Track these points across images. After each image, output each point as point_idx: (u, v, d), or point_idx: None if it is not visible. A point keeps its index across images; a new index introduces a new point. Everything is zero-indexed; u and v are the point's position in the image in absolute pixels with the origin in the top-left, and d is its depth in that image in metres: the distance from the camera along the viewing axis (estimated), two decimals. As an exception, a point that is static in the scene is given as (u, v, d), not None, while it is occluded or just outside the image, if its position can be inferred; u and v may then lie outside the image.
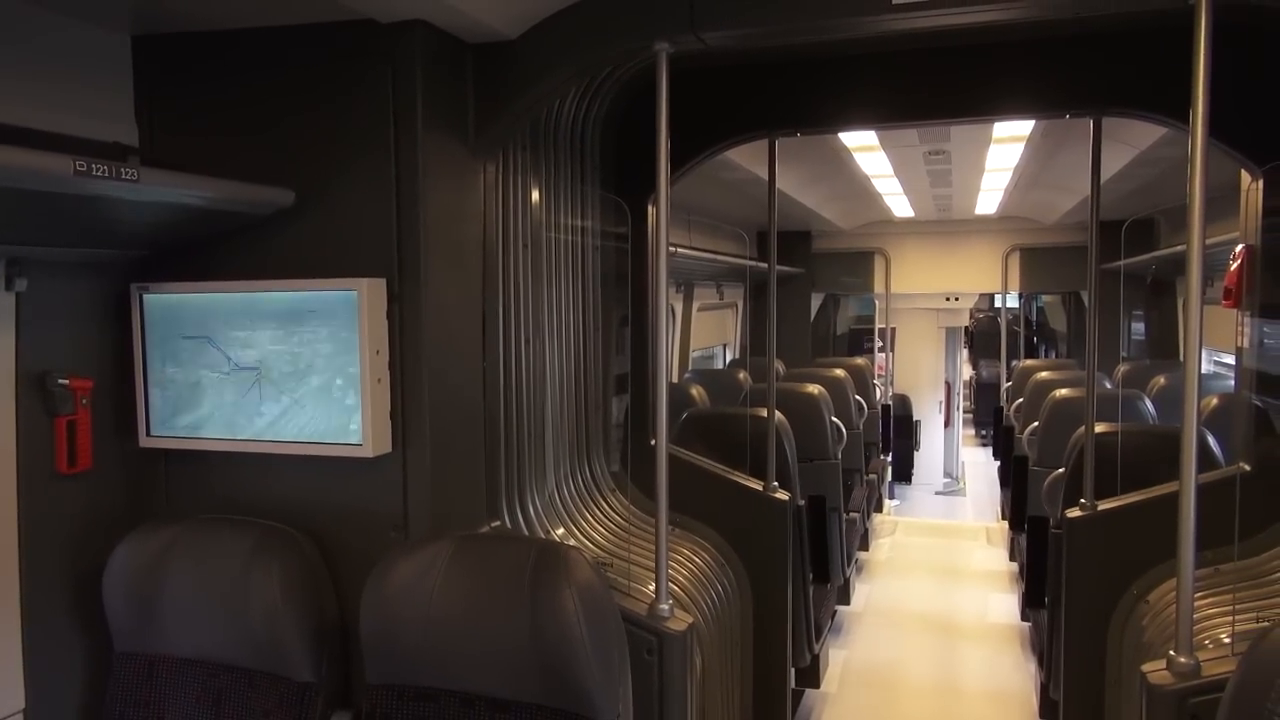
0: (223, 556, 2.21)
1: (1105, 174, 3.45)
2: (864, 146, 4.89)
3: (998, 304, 13.25)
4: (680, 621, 2.35)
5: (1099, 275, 3.68)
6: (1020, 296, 10.29)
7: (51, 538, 2.24)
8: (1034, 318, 12.97)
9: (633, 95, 3.14)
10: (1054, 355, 12.45)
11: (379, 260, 2.26)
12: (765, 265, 4.19)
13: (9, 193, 1.69)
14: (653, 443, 3.29)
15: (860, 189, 6.52)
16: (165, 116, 2.37)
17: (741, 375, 6.44)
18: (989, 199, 7.15)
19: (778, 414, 3.94)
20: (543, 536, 2.78)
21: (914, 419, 10.07)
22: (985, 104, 3.16)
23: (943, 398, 11.00)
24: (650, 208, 3.36)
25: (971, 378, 15.33)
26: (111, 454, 2.38)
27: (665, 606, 2.35)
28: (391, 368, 2.27)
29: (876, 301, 9.62)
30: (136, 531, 2.29)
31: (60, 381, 2.22)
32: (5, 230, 1.97)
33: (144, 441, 2.41)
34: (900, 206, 7.54)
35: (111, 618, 2.26)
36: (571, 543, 2.89)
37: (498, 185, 2.58)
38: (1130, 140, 4.22)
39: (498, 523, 2.62)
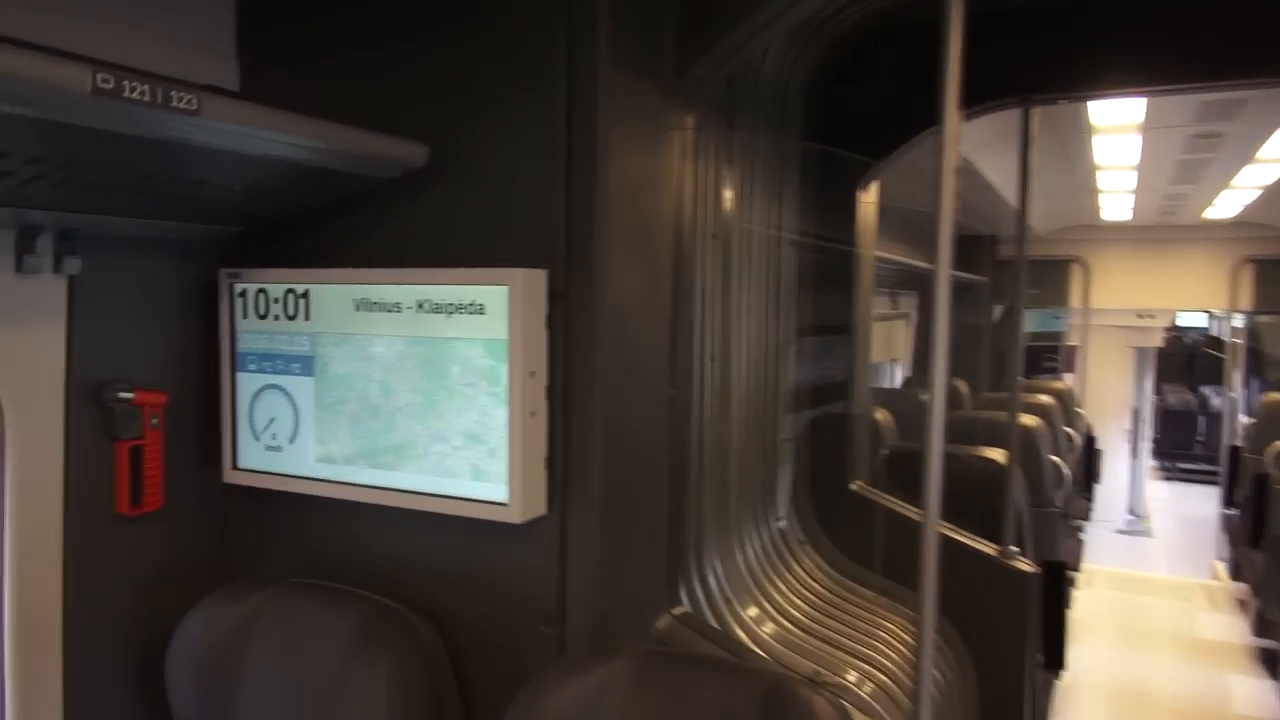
0: (318, 638, 1.73)
1: None
2: (1117, 127, 4.09)
3: (1179, 323, 12.13)
4: None
5: None
6: (1245, 316, 9.09)
7: (105, 597, 1.83)
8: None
9: (842, 59, 2.58)
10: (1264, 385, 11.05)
11: (539, 244, 1.68)
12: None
13: (31, 126, 1.15)
14: (853, 486, 2.82)
15: (1078, 184, 5.68)
16: (271, 54, 1.89)
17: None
18: (1233, 199, 6.15)
19: (1001, 454, 3.23)
20: (733, 623, 2.13)
21: (1097, 449, 9.04)
22: None
23: (1128, 425, 9.87)
24: (859, 195, 2.82)
25: (1156, 404, 14.10)
26: (187, 491, 1.93)
27: None
28: (551, 396, 1.65)
29: (1062, 317, 8.71)
30: (213, 596, 1.82)
31: (123, 395, 1.78)
32: (47, 191, 1.45)
33: (228, 476, 1.92)
34: (1117, 207, 6.63)
35: (174, 701, 1.81)
36: (767, 628, 2.22)
37: (694, 153, 1.97)
38: None
39: (681, 609, 1.98)
